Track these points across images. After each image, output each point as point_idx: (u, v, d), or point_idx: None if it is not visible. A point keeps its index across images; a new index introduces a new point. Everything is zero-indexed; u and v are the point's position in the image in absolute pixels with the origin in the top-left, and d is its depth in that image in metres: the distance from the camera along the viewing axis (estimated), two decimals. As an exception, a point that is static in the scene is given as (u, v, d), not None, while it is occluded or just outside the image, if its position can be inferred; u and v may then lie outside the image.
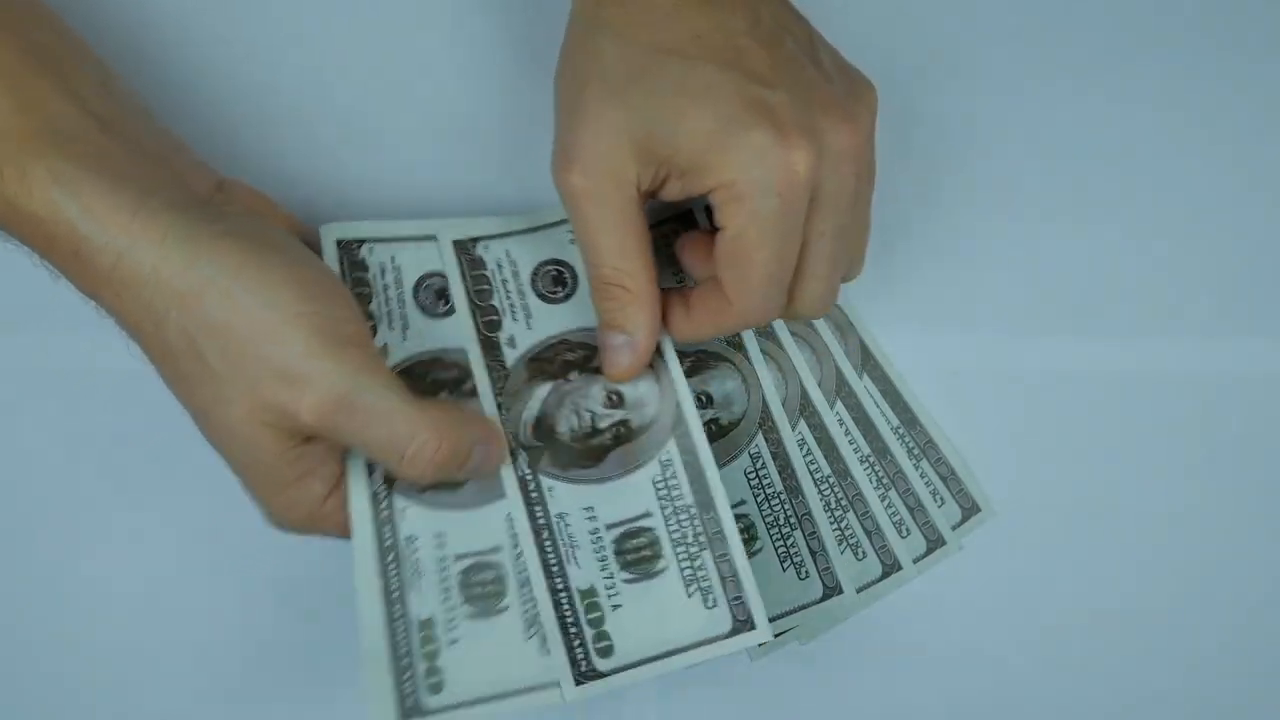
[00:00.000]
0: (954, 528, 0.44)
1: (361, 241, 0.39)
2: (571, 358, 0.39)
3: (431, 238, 0.40)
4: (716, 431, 0.42)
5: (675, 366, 0.39)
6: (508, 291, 0.40)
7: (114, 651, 0.42)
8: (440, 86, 0.44)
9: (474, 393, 0.38)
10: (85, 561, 0.42)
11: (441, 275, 0.39)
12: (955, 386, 0.45)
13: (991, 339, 0.45)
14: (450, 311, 0.39)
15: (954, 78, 0.46)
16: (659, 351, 0.39)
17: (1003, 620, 0.44)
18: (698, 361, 0.42)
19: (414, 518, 0.36)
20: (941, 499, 0.44)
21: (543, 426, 0.38)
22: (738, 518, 0.41)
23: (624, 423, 0.39)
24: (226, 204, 0.35)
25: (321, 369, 0.32)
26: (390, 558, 0.35)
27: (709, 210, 0.36)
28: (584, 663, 0.36)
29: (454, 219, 0.41)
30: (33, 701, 0.42)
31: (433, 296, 0.39)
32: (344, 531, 0.35)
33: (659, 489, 0.38)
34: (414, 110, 0.44)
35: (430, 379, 0.38)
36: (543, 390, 0.39)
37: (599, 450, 0.38)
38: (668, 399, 0.39)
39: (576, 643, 0.36)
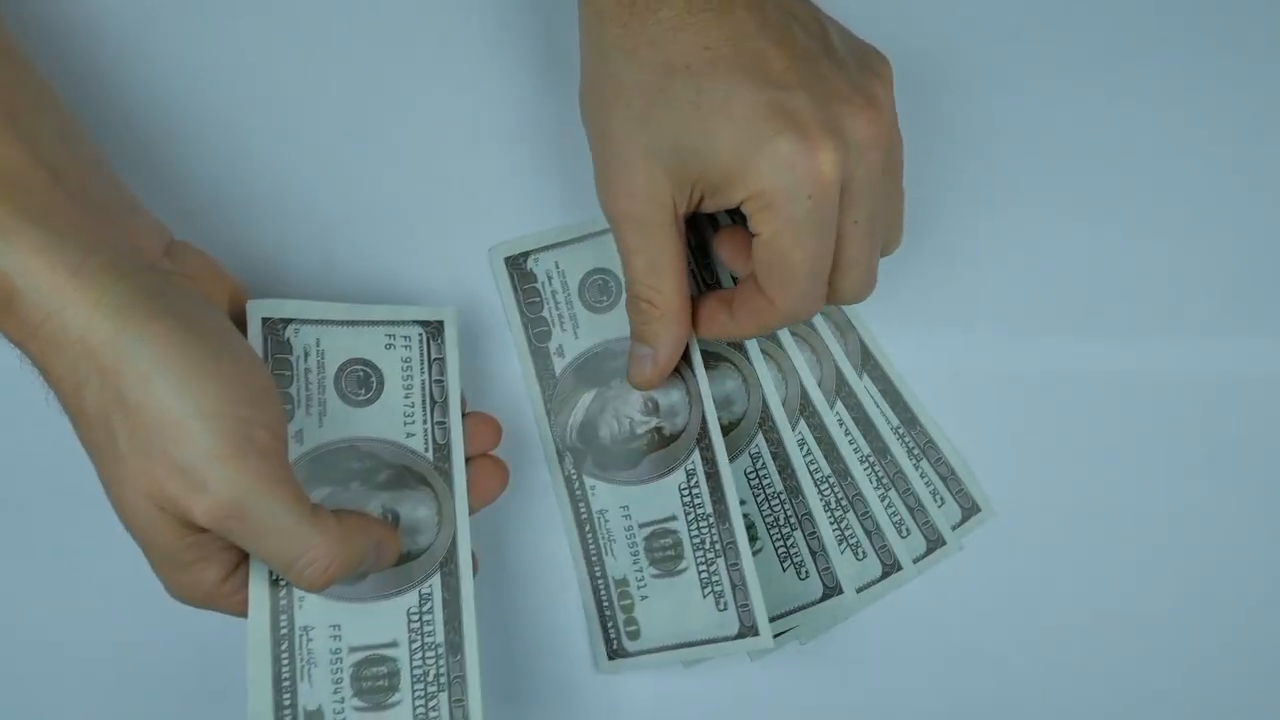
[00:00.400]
0: (954, 528, 0.44)
1: (288, 321, 0.38)
2: (614, 365, 0.42)
3: (360, 323, 0.39)
4: None
5: (704, 381, 0.41)
6: (557, 303, 0.42)
7: (110, 651, 0.42)
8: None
9: (385, 485, 0.38)
10: (83, 562, 0.42)
11: (365, 362, 0.39)
12: (955, 386, 0.45)
13: (991, 339, 0.45)
14: (371, 400, 0.38)
15: (954, 78, 0.46)
16: (690, 364, 0.41)
17: (1003, 620, 0.44)
18: None
19: (312, 608, 0.36)
20: (941, 499, 0.44)
21: (586, 431, 0.42)
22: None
23: (658, 429, 0.41)
24: (174, 270, 0.34)
25: (221, 475, 0.31)
26: (284, 646, 0.35)
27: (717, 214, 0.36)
28: (615, 642, 0.41)
29: (502, 241, 0.43)
30: (31, 702, 0.42)
31: (354, 383, 0.38)
32: (243, 611, 0.35)
33: (684, 495, 0.40)
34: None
35: (342, 468, 0.37)
36: (587, 396, 0.42)
37: (635, 454, 0.41)
38: (695, 410, 0.41)
39: (610, 625, 0.41)
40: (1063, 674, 0.44)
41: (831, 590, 0.42)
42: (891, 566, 0.43)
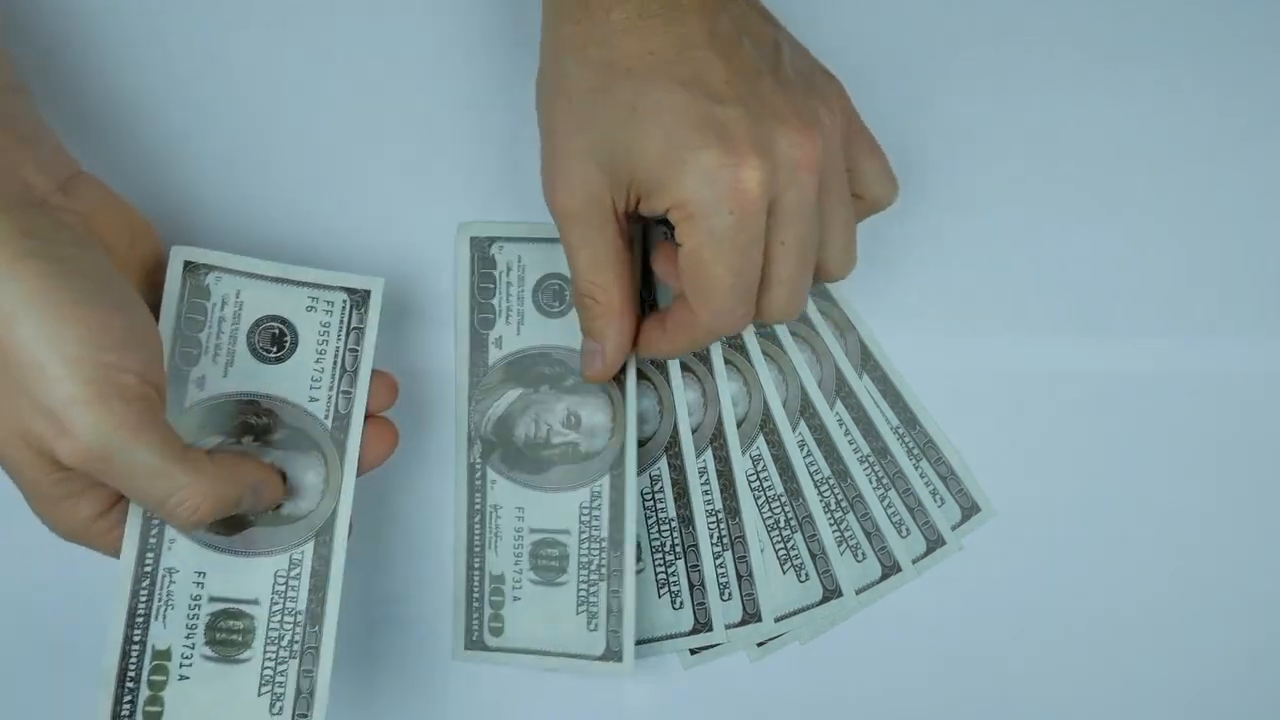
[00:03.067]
0: (954, 528, 0.44)
1: (210, 268, 0.38)
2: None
3: (286, 281, 0.39)
4: None
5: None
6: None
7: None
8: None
9: (278, 444, 0.38)
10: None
11: (281, 320, 0.39)
12: (955, 386, 0.45)
13: (991, 339, 0.45)
14: (282, 359, 0.38)
15: (952, 77, 0.46)
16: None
17: (1003, 620, 0.44)
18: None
19: (180, 551, 0.36)
20: (941, 499, 0.44)
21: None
22: None
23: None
24: (63, 208, 0.34)
25: (83, 419, 0.31)
26: (145, 583, 0.36)
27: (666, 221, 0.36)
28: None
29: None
30: None
31: (267, 340, 0.38)
32: (115, 549, 0.36)
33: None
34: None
35: (239, 421, 0.38)
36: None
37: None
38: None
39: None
40: (1063, 674, 0.44)
41: (831, 593, 0.42)
42: (891, 568, 0.43)
